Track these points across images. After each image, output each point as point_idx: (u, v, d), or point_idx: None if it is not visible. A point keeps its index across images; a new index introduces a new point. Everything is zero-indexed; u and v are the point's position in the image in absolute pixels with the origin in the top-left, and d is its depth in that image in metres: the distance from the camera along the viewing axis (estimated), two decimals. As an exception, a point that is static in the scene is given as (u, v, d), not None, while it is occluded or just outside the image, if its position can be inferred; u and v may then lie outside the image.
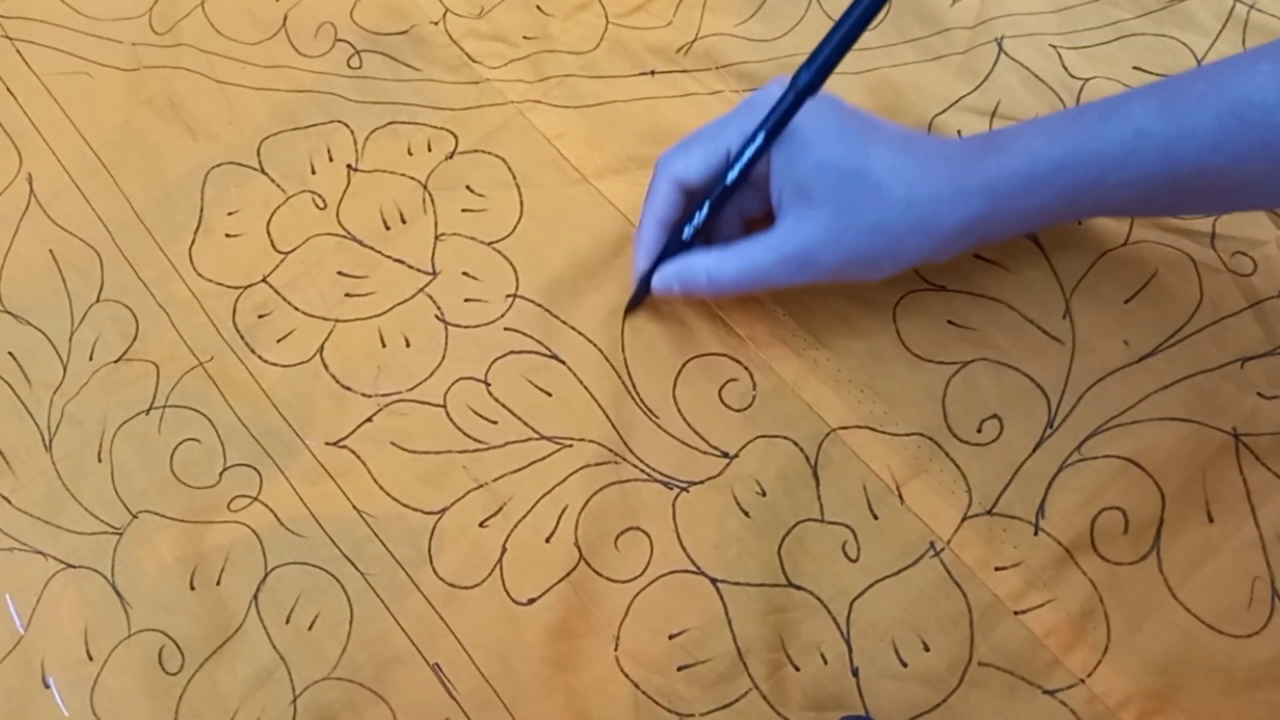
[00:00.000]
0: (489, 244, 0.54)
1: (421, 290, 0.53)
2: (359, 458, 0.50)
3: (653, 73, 0.58)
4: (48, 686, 0.47)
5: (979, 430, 0.48)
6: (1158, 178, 0.41)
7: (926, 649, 0.45)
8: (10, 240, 0.56)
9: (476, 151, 0.56)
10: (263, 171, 0.57)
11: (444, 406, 0.50)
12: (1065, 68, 0.55)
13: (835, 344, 0.50)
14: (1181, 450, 0.47)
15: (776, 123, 0.43)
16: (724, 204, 0.46)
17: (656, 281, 0.48)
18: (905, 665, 0.45)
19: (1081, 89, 0.55)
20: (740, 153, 0.44)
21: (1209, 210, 0.50)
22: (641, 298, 0.51)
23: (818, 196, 0.43)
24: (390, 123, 0.58)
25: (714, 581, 0.47)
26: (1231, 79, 0.40)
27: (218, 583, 0.48)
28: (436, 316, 0.52)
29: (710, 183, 0.46)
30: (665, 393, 0.50)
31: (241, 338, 0.53)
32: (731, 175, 0.45)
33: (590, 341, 0.51)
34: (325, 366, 0.52)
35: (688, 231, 0.47)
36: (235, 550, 0.48)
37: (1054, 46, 0.56)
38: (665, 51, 0.59)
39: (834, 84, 0.56)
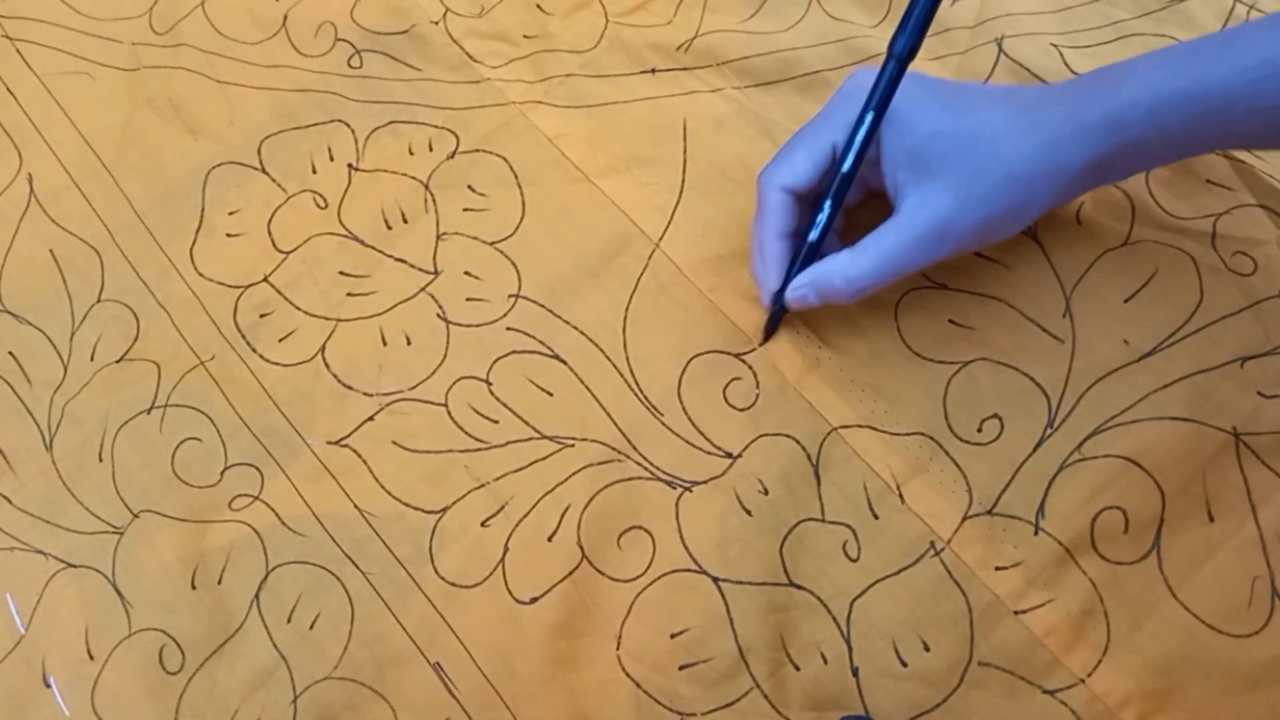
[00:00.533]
0: (491, 243, 0.54)
1: (423, 289, 0.53)
2: (360, 457, 0.50)
3: (653, 71, 0.58)
4: (49, 686, 0.47)
5: (979, 430, 0.48)
6: None
7: (926, 649, 0.45)
8: (11, 240, 0.56)
9: (478, 151, 0.56)
10: (263, 171, 0.57)
11: (445, 406, 0.50)
12: (1067, 65, 0.55)
13: (837, 343, 0.50)
14: (1182, 450, 0.47)
15: (883, 96, 0.43)
16: (845, 194, 0.45)
17: (792, 296, 0.47)
18: (905, 665, 0.45)
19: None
20: (851, 138, 0.44)
21: None
22: (779, 319, 0.50)
23: (937, 166, 0.43)
24: (391, 122, 0.58)
25: (716, 580, 0.47)
26: None
27: (219, 582, 0.48)
28: (438, 316, 0.52)
29: (821, 183, 0.46)
30: (669, 391, 0.50)
31: (243, 337, 0.53)
32: (848, 163, 0.44)
33: (592, 341, 0.51)
34: (327, 365, 0.52)
35: (814, 233, 0.46)
36: (236, 549, 0.48)
37: (1055, 45, 0.56)
38: (666, 49, 0.59)
39: (834, 80, 0.56)
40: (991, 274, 0.51)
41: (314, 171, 0.57)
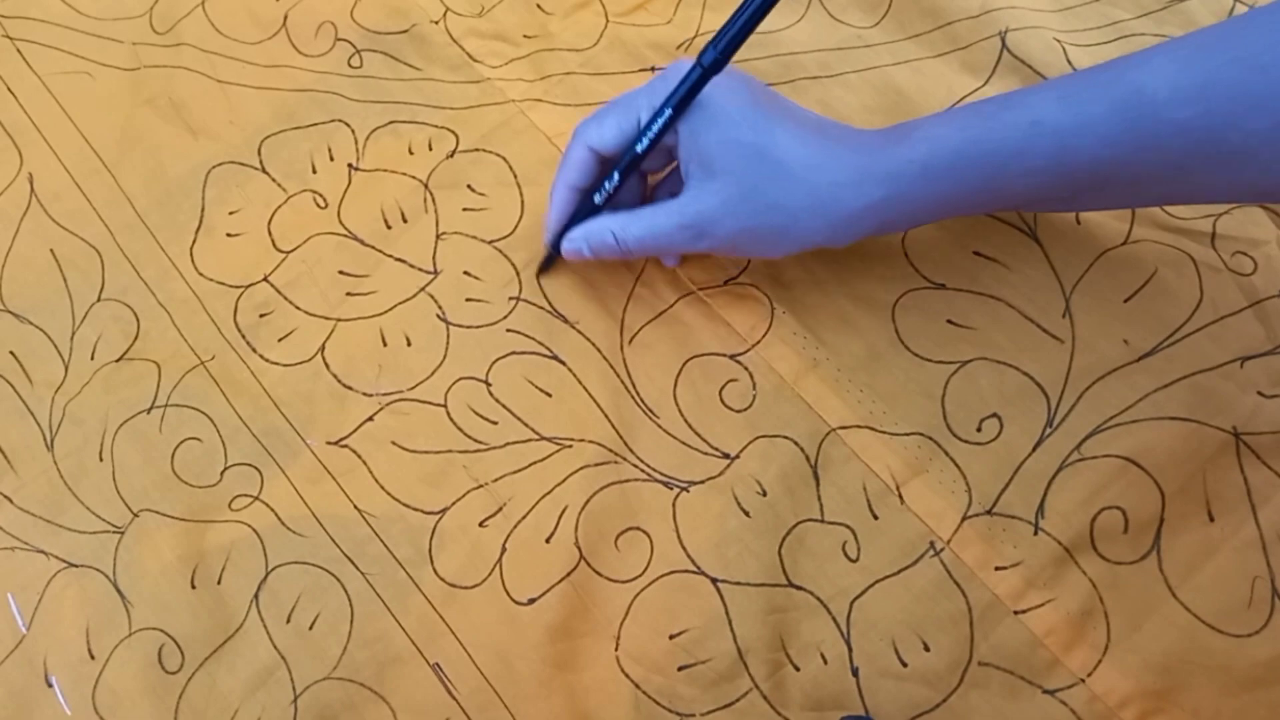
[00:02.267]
0: (490, 243, 0.54)
1: (423, 289, 0.53)
2: (360, 457, 0.50)
3: (653, 69, 0.58)
4: (50, 685, 0.47)
5: (979, 429, 0.48)
6: (1055, 169, 0.42)
7: (926, 649, 0.45)
8: (11, 240, 0.56)
9: (477, 150, 0.56)
10: (264, 171, 0.57)
11: (445, 406, 0.50)
12: (1070, 62, 0.55)
13: (835, 343, 0.50)
14: (1182, 449, 0.47)
15: (682, 98, 0.44)
16: (632, 172, 0.47)
17: (566, 244, 0.49)
18: (905, 665, 0.45)
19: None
20: (649, 124, 0.45)
21: (1109, 205, 0.50)
22: (553, 260, 0.52)
23: (720, 170, 0.44)
24: (391, 122, 0.58)
25: (714, 581, 0.47)
26: (1128, 72, 0.40)
27: (218, 582, 0.48)
28: (438, 316, 0.52)
29: (622, 150, 0.47)
30: (666, 393, 0.50)
31: (243, 337, 0.53)
32: (640, 146, 0.46)
33: (590, 342, 0.51)
34: (326, 365, 0.52)
35: (599, 197, 0.48)
36: (236, 549, 0.48)
37: (1058, 40, 0.56)
38: (666, 48, 0.59)
39: (836, 84, 0.56)
40: (991, 274, 0.51)
41: (314, 171, 0.57)
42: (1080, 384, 0.48)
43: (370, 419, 0.50)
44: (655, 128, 0.45)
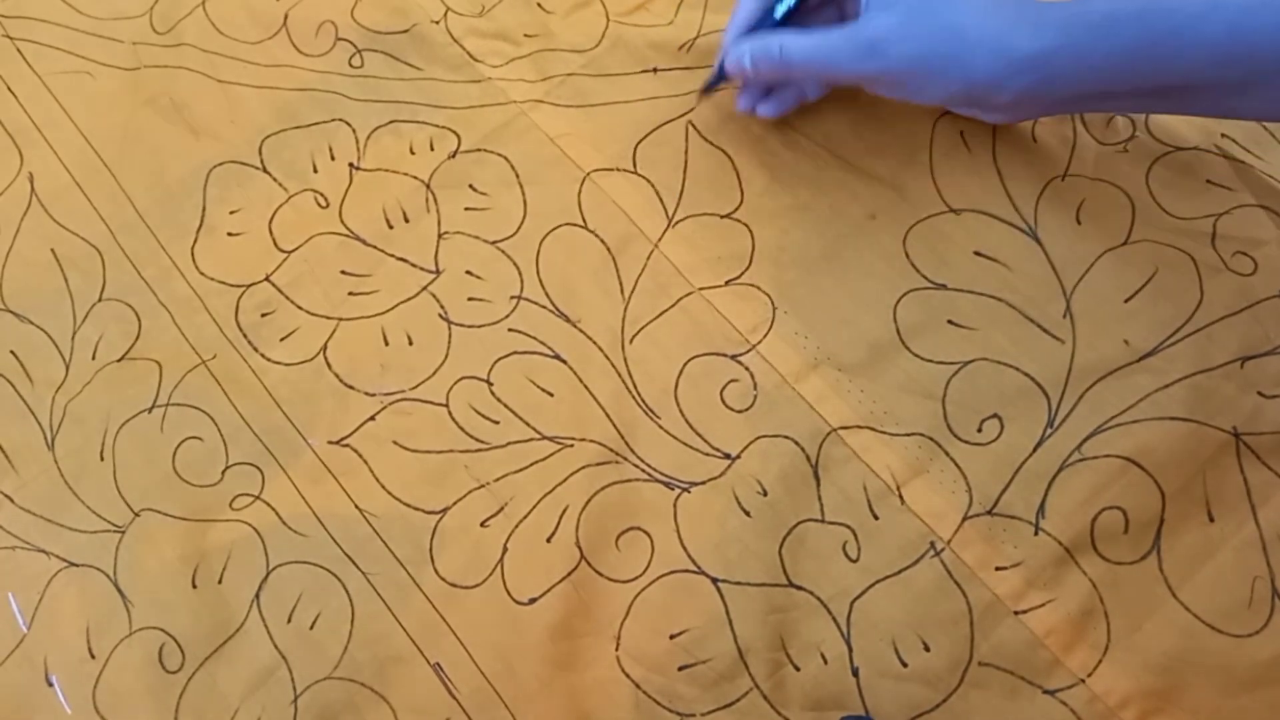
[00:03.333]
0: (492, 243, 0.54)
1: (425, 289, 0.53)
2: (361, 457, 0.50)
3: (655, 70, 0.58)
4: (51, 684, 0.47)
5: (979, 430, 0.48)
6: (1232, 43, 0.41)
7: (927, 649, 0.45)
8: (12, 239, 0.56)
9: (479, 150, 0.56)
10: (265, 170, 0.57)
11: (446, 406, 0.50)
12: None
13: (836, 343, 0.50)
14: (1182, 450, 0.47)
15: None
16: None
17: (731, 57, 0.50)
18: (905, 665, 0.45)
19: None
20: None
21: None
22: (722, 76, 0.52)
23: None
24: (392, 121, 0.58)
25: (715, 581, 0.47)
26: None
27: (219, 581, 0.48)
28: (440, 315, 0.52)
29: None
30: (667, 393, 0.50)
31: (244, 336, 0.53)
32: None
33: (592, 341, 0.51)
34: (328, 365, 0.52)
35: (779, 11, 0.49)
36: (237, 549, 0.48)
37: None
38: (667, 49, 0.59)
39: (835, 83, 0.56)
40: (992, 274, 0.51)
41: (315, 171, 0.57)
42: (1081, 384, 0.48)
43: (372, 418, 0.50)
44: None
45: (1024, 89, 0.45)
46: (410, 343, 0.52)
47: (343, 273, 0.54)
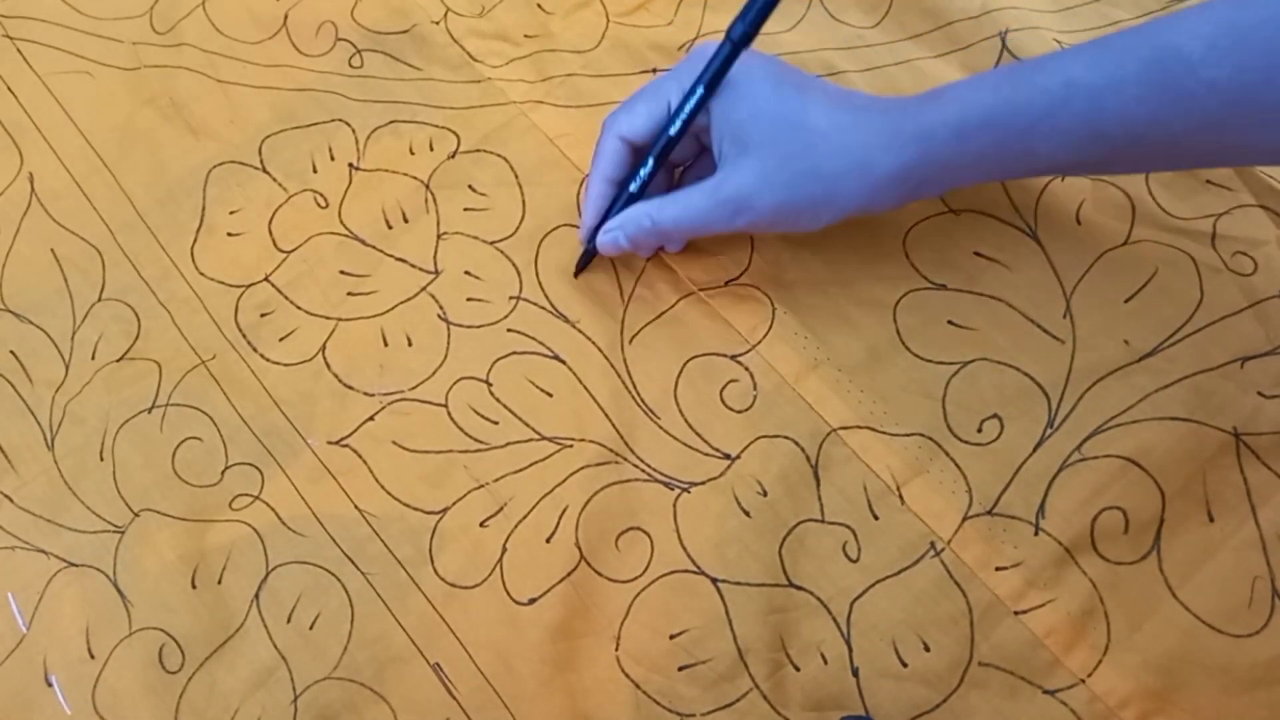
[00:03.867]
0: (491, 243, 0.54)
1: (424, 289, 0.53)
2: (361, 457, 0.50)
3: (654, 70, 0.58)
4: (50, 685, 0.47)
5: (979, 430, 0.48)
6: (1087, 130, 0.42)
7: (926, 649, 0.45)
8: (12, 239, 0.56)
9: (479, 151, 0.56)
10: (264, 170, 0.57)
11: (446, 406, 0.50)
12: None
13: (835, 344, 0.50)
14: (1182, 450, 0.47)
15: (714, 75, 0.45)
16: (666, 156, 0.48)
17: (602, 236, 0.49)
18: (905, 665, 0.45)
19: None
20: (680, 106, 0.46)
21: (1146, 168, 0.50)
22: (591, 257, 0.52)
23: (754, 144, 0.45)
24: (392, 121, 0.58)
25: (715, 581, 0.47)
26: (1161, 32, 0.40)
27: (219, 581, 0.48)
28: (439, 316, 0.52)
29: (653, 138, 0.48)
30: (666, 393, 0.50)
31: (244, 336, 0.53)
32: (674, 127, 0.46)
33: (591, 342, 0.51)
34: (327, 365, 0.52)
35: (634, 185, 0.48)
36: (237, 549, 0.48)
37: (1058, 41, 0.56)
38: (667, 49, 0.59)
39: (838, 80, 0.56)
40: (992, 274, 0.51)
41: (315, 171, 0.57)
42: (1081, 384, 0.48)
43: (371, 419, 0.50)
44: (688, 108, 0.46)
45: (897, 200, 0.46)
46: (409, 343, 0.52)
47: (342, 273, 0.54)
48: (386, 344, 0.52)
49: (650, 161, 0.48)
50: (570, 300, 0.52)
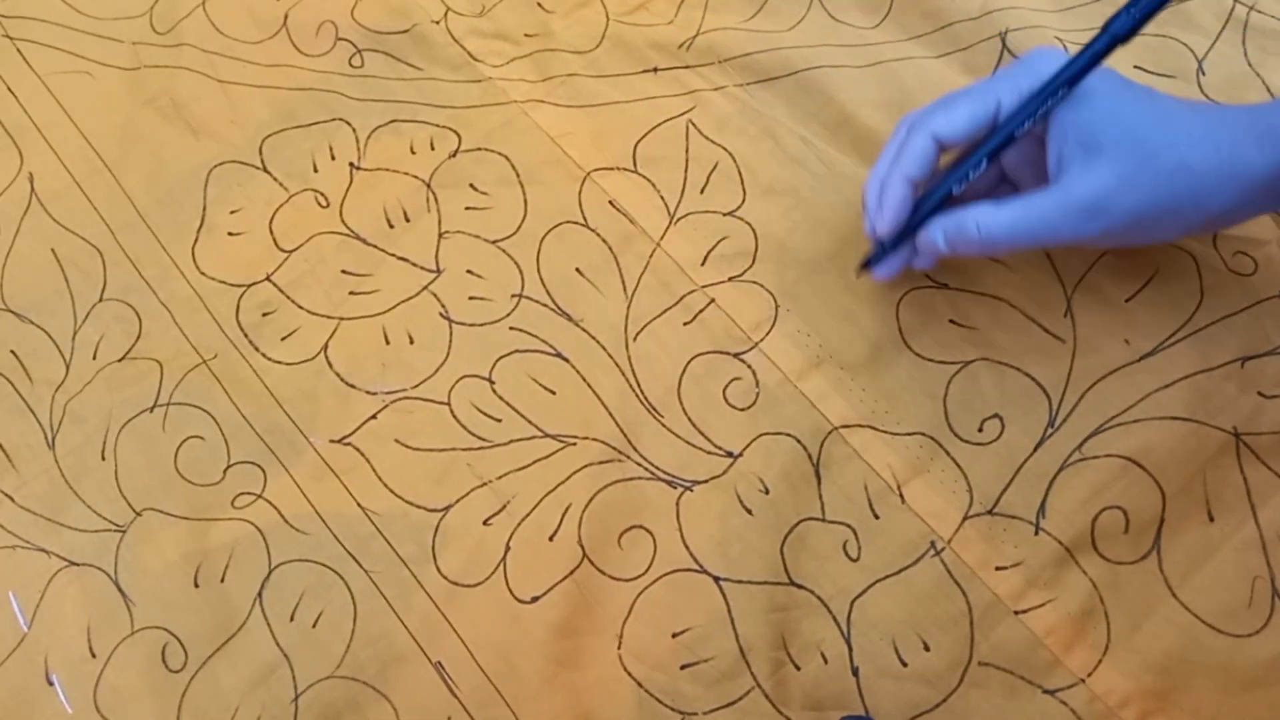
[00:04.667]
0: (493, 242, 0.54)
1: (425, 288, 0.53)
2: (363, 455, 0.50)
3: (655, 70, 0.58)
4: (51, 684, 0.47)
5: (980, 429, 0.48)
6: None
7: (926, 648, 0.45)
8: (12, 239, 0.56)
9: (480, 150, 0.57)
10: (265, 170, 0.57)
11: (448, 404, 0.50)
12: (1070, 62, 0.55)
13: (837, 342, 0.50)
14: (1182, 449, 0.47)
15: (1082, 69, 0.42)
16: (999, 154, 0.44)
17: (924, 236, 0.45)
18: (905, 665, 0.45)
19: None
20: (1037, 100, 0.42)
21: None
22: (880, 258, 0.48)
23: (1109, 143, 0.41)
24: (392, 121, 0.58)
25: (717, 580, 0.47)
26: None
27: (221, 580, 0.48)
28: (441, 314, 0.52)
29: (970, 141, 0.44)
30: (670, 391, 0.50)
31: (245, 335, 0.53)
32: (1019, 127, 0.43)
33: (594, 339, 0.51)
34: (329, 364, 0.52)
35: (958, 186, 0.44)
36: (239, 547, 0.48)
37: (1059, 40, 0.56)
38: (667, 47, 0.59)
39: (838, 76, 0.56)
40: (993, 274, 0.51)
41: (315, 170, 0.57)
42: (1081, 384, 0.49)
43: (373, 417, 0.51)
44: (1045, 104, 0.42)
45: (1265, 207, 0.44)
46: (411, 341, 0.52)
47: (343, 272, 0.54)
48: (388, 343, 0.52)
49: (983, 162, 0.44)
50: (573, 298, 0.52)
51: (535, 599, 0.47)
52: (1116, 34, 0.41)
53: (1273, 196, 0.42)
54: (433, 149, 0.57)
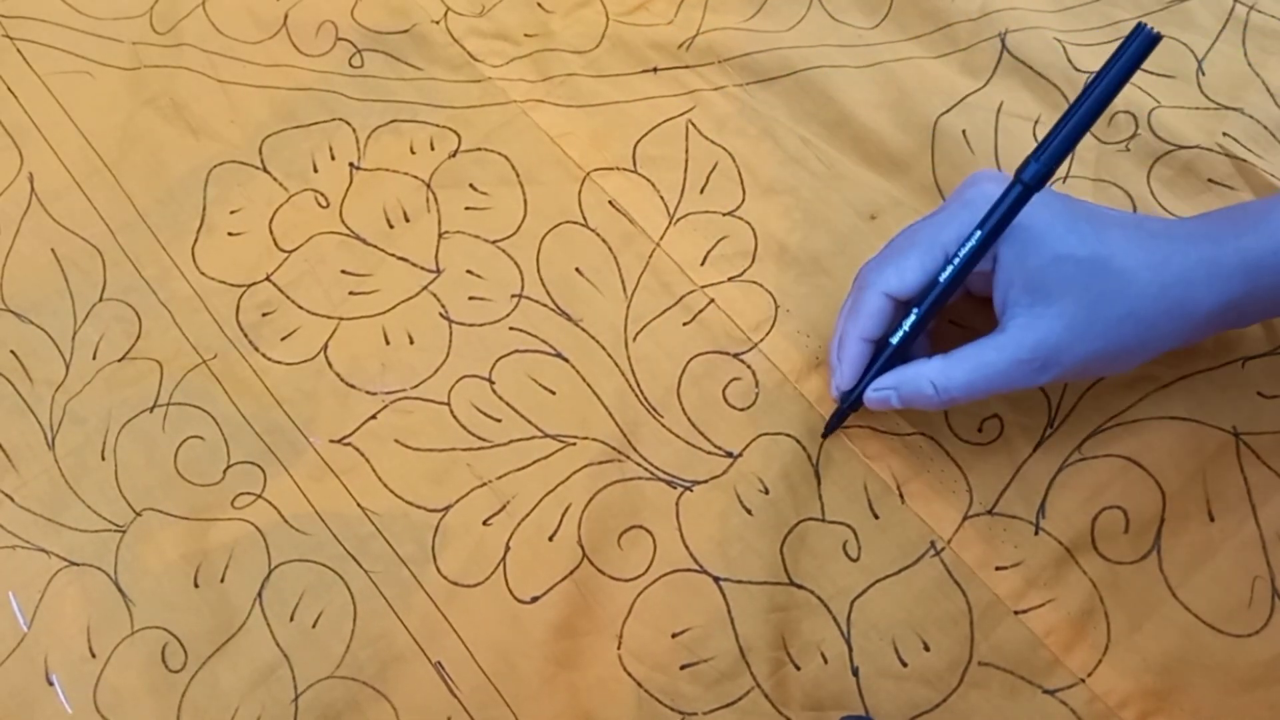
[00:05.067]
0: (493, 242, 0.54)
1: (425, 288, 0.53)
2: (363, 455, 0.50)
3: (655, 69, 0.58)
4: (51, 684, 0.47)
5: (980, 430, 0.48)
6: None
7: (926, 648, 0.45)
8: (12, 239, 0.56)
9: (479, 150, 0.56)
10: (265, 170, 0.57)
11: (448, 404, 0.50)
12: (1071, 62, 0.55)
13: (837, 343, 0.50)
14: (1182, 449, 0.47)
15: (1000, 219, 0.41)
16: (938, 309, 0.43)
17: (872, 396, 0.44)
18: (905, 665, 0.45)
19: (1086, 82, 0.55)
20: (959, 255, 0.42)
21: None
22: (846, 414, 0.47)
23: (1056, 291, 0.41)
24: (392, 121, 0.58)
25: (716, 580, 0.47)
26: None
27: (221, 580, 0.48)
28: (441, 314, 0.52)
29: (925, 293, 0.43)
30: (669, 391, 0.50)
31: (245, 335, 0.53)
32: (946, 275, 0.42)
33: (594, 339, 0.51)
34: (329, 364, 0.52)
35: (896, 338, 0.44)
36: (239, 547, 0.48)
37: (1059, 40, 0.56)
38: (667, 47, 0.59)
39: (838, 76, 0.56)
40: (992, 274, 0.51)
41: (315, 170, 0.57)
42: (1081, 384, 0.48)
43: (373, 417, 0.51)
44: (963, 252, 0.42)
45: (1213, 333, 0.44)
46: (411, 342, 0.52)
47: (343, 272, 0.54)
48: (388, 343, 0.52)
49: (916, 314, 0.43)
50: (573, 298, 0.52)
51: (535, 599, 0.47)
52: (1026, 182, 0.40)
53: (1224, 324, 0.43)
54: (433, 149, 0.57)
